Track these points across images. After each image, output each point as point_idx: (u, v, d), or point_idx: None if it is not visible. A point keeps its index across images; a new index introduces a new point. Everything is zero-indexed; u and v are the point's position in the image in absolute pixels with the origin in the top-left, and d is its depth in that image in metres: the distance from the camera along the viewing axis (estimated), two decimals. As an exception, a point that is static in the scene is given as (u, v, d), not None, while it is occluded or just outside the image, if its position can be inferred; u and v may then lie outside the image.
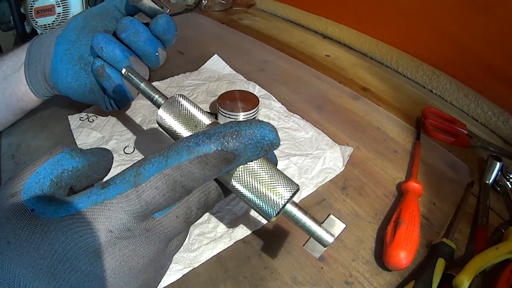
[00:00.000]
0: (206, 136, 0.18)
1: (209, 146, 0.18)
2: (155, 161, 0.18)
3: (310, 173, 0.43)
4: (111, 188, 0.18)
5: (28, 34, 0.60)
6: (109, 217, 0.18)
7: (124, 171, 0.19)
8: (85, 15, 0.40)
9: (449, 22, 0.57)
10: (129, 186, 0.18)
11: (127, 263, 0.19)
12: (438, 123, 0.54)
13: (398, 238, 0.34)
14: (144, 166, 0.18)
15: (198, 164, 0.18)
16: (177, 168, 0.18)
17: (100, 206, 0.18)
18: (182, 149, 0.18)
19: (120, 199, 0.18)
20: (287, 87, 0.60)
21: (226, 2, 0.92)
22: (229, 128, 0.18)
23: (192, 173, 0.18)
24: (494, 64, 0.53)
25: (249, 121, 0.19)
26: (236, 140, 0.18)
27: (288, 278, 0.33)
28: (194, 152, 0.18)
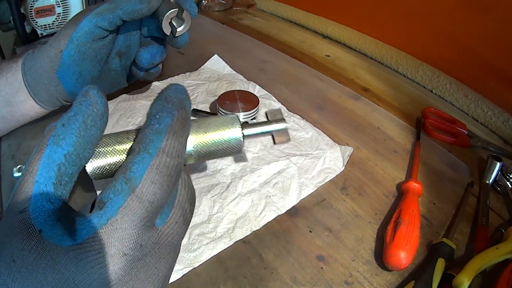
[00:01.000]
0: (157, 114, 0.19)
1: (167, 118, 0.19)
2: (138, 159, 0.18)
3: (310, 173, 0.43)
4: (109, 205, 0.17)
5: (28, 34, 0.60)
6: (119, 237, 0.17)
7: (111, 184, 0.18)
8: (76, 47, 0.38)
9: (449, 22, 0.57)
10: (126, 194, 0.17)
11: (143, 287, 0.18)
12: (438, 123, 0.54)
13: (398, 238, 0.34)
14: (130, 169, 0.18)
15: (172, 137, 0.19)
16: (161, 153, 0.18)
17: (106, 228, 0.17)
18: (152, 134, 0.19)
19: (123, 212, 0.17)
20: (287, 87, 0.60)
21: (226, 2, 0.92)
22: (159, 101, 0.20)
23: (173, 147, 0.19)
24: (494, 64, 0.53)
25: (161, 92, 0.21)
26: (173, 101, 0.20)
27: (288, 278, 0.33)
28: (163, 130, 0.19)
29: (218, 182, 0.42)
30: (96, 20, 0.37)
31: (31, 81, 0.40)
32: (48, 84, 0.40)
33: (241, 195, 0.40)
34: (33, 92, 0.40)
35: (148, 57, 0.43)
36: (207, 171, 0.43)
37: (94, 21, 0.37)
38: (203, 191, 0.40)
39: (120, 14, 0.37)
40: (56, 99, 0.41)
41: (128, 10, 0.37)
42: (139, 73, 0.46)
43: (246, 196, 0.40)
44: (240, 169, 0.43)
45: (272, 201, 0.40)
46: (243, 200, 0.40)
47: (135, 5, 0.37)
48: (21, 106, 0.41)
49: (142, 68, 0.45)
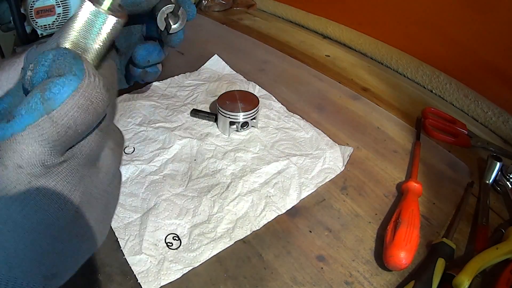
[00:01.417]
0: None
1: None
2: (63, 81, 0.16)
3: (310, 173, 0.43)
4: (18, 120, 0.16)
5: (28, 34, 0.60)
6: (18, 150, 0.16)
7: (26, 99, 0.16)
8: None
9: (449, 22, 0.57)
10: (39, 114, 0.16)
11: (46, 208, 0.17)
12: (438, 123, 0.54)
13: (398, 238, 0.34)
14: (51, 89, 0.16)
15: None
16: (88, 76, 0.17)
17: (8, 141, 0.16)
18: (75, 59, 0.17)
19: (30, 130, 0.16)
20: (287, 87, 0.60)
21: (226, 2, 0.92)
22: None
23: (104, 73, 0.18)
24: (494, 64, 0.53)
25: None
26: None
27: (288, 278, 0.33)
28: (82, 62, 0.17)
29: (218, 182, 0.42)
30: None
31: None
32: None
33: (241, 195, 0.40)
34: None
35: (144, 53, 0.43)
36: (207, 171, 0.43)
37: None
38: (203, 191, 0.40)
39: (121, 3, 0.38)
40: None
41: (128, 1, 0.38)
42: (136, 71, 0.46)
43: (246, 196, 0.40)
44: (240, 169, 0.43)
45: (272, 201, 0.40)
46: (243, 200, 0.40)
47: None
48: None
49: (139, 65, 0.45)
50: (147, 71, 0.46)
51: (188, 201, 0.39)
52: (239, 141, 0.48)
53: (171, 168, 0.43)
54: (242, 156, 0.45)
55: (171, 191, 0.40)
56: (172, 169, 0.43)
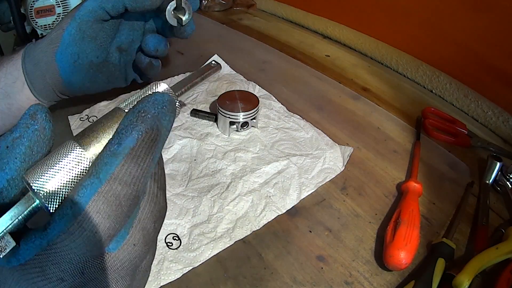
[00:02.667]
0: (121, 132, 0.17)
1: (129, 139, 0.17)
2: (87, 184, 0.16)
3: (310, 173, 0.43)
4: (52, 227, 0.16)
5: (28, 34, 0.60)
6: (57, 262, 0.16)
7: (61, 203, 0.17)
8: (78, 25, 0.38)
9: (449, 22, 0.57)
10: (69, 219, 0.16)
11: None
12: (438, 123, 0.54)
13: (398, 238, 0.34)
14: (78, 193, 0.16)
15: (131, 162, 0.17)
16: (113, 180, 0.16)
17: (45, 252, 0.16)
18: (107, 157, 0.17)
19: (63, 237, 0.16)
20: (287, 87, 0.60)
21: (226, 2, 0.92)
22: (132, 114, 0.18)
23: (129, 174, 0.17)
24: (494, 64, 0.53)
25: (142, 99, 0.19)
26: (145, 117, 0.17)
27: (288, 278, 0.33)
28: (121, 153, 0.17)
29: (218, 182, 0.42)
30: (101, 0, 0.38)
31: (29, 68, 0.40)
32: (45, 70, 0.40)
33: (241, 195, 0.40)
34: (29, 80, 0.40)
35: (155, 40, 0.44)
36: (207, 171, 0.43)
37: (99, 1, 0.38)
38: (203, 191, 0.40)
39: (124, 1, 0.38)
40: (51, 89, 0.41)
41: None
42: (143, 60, 0.46)
43: (246, 196, 0.40)
44: (240, 169, 0.43)
45: (272, 201, 0.40)
46: (243, 200, 0.40)
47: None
48: (18, 97, 0.41)
49: (148, 53, 0.45)
50: (152, 63, 0.46)
51: (188, 201, 0.39)
52: (239, 141, 0.48)
53: (171, 168, 0.43)
54: (242, 156, 0.45)
55: (171, 191, 0.40)
56: (172, 169, 0.43)
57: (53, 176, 0.17)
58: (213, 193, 0.40)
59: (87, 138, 0.18)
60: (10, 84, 0.40)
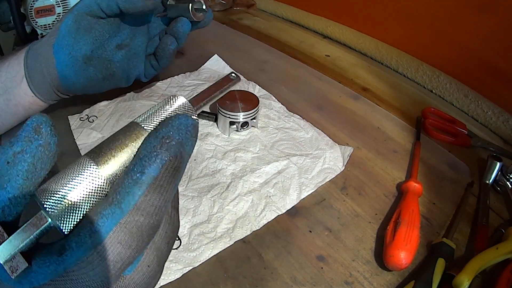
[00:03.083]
0: (144, 159, 0.16)
1: (153, 167, 0.16)
2: (108, 213, 0.16)
3: (310, 173, 0.43)
4: (69, 254, 0.15)
5: (28, 34, 0.60)
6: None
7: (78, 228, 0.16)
8: (74, 17, 0.39)
9: (449, 22, 0.57)
10: (87, 248, 0.16)
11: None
12: (438, 123, 0.54)
13: (398, 238, 0.34)
14: (98, 222, 0.16)
15: (154, 192, 0.16)
16: (135, 210, 0.16)
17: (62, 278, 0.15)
18: (129, 186, 0.16)
19: (81, 266, 0.15)
20: (287, 87, 0.60)
21: (226, 2, 0.92)
22: (155, 139, 0.17)
23: (151, 205, 0.16)
24: (494, 64, 0.53)
25: (165, 121, 0.18)
26: (169, 144, 0.17)
27: (288, 278, 0.33)
28: (144, 182, 0.16)
29: (218, 182, 0.42)
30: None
31: (30, 62, 0.40)
32: (43, 64, 0.40)
33: (241, 195, 0.40)
34: (28, 74, 0.40)
35: (189, 24, 0.45)
36: (207, 171, 0.43)
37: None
38: (203, 191, 0.40)
39: (118, 1, 0.38)
40: (49, 86, 0.41)
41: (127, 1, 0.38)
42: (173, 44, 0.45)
43: (246, 196, 0.40)
44: (240, 169, 0.43)
45: (272, 201, 0.40)
46: (243, 200, 0.40)
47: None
48: (16, 91, 0.41)
49: (183, 35, 0.45)
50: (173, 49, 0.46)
51: (188, 201, 0.39)
52: (239, 141, 0.48)
53: (171, 168, 0.43)
54: (242, 156, 0.45)
55: (171, 191, 0.40)
56: (172, 169, 0.43)
57: (66, 195, 0.16)
58: (213, 193, 0.40)
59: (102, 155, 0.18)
60: (10, 78, 0.40)
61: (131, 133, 0.19)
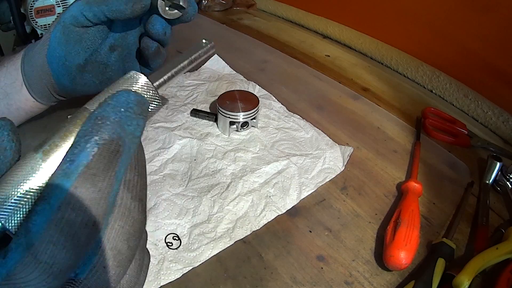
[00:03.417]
0: (74, 146, 0.15)
1: (83, 154, 0.14)
2: (39, 209, 0.14)
3: (310, 173, 0.43)
4: (10, 256, 0.14)
5: (28, 34, 0.60)
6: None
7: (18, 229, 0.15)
8: (62, 28, 0.38)
9: (449, 22, 0.57)
10: (23, 249, 0.14)
11: None
12: (438, 123, 0.54)
13: (398, 238, 0.34)
14: (31, 219, 0.14)
15: (86, 183, 0.14)
16: (65, 205, 0.14)
17: (7, 282, 0.14)
18: (58, 177, 0.14)
19: (20, 269, 0.14)
20: (287, 87, 0.60)
21: (226, 2, 0.92)
22: (89, 121, 0.15)
23: (84, 198, 0.14)
24: (494, 64, 0.53)
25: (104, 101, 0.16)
26: (102, 125, 0.15)
27: (288, 278, 0.33)
28: (73, 172, 0.14)
29: (218, 182, 0.42)
30: (83, 7, 0.37)
31: (27, 69, 0.40)
32: (40, 70, 0.40)
33: (241, 195, 0.40)
34: (27, 81, 0.40)
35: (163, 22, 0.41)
36: (207, 171, 0.43)
37: (82, 8, 0.37)
38: (203, 191, 0.40)
39: (104, 10, 0.37)
40: (47, 90, 0.41)
41: (112, 8, 0.37)
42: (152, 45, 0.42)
43: (246, 196, 0.40)
44: (240, 169, 0.43)
45: (272, 201, 0.40)
46: (243, 200, 0.40)
47: (120, 5, 0.36)
48: (16, 97, 0.41)
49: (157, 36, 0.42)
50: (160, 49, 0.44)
51: (188, 201, 0.39)
52: (239, 141, 0.48)
53: (171, 168, 0.43)
54: (242, 156, 0.45)
55: (171, 191, 0.40)
56: (172, 169, 0.43)
57: (10, 193, 0.15)
58: (213, 193, 0.40)
59: (46, 146, 0.16)
60: (9, 84, 0.40)
61: (76, 118, 0.17)
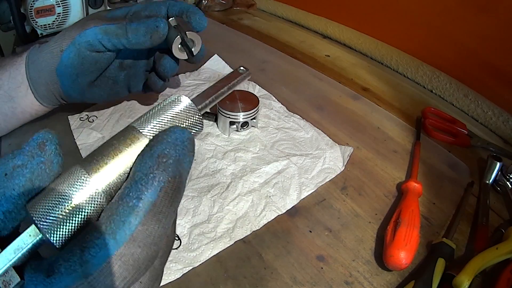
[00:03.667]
0: (139, 182, 0.15)
1: (150, 192, 0.15)
2: (101, 243, 0.14)
3: (310, 173, 0.43)
4: (58, 279, 0.14)
5: (28, 34, 0.60)
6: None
7: (67, 253, 0.15)
8: (77, 51, 0.38)
9: (449, 22, 0.57)
10: (77, 277, 0.14)
11: None
12: (438, 123, 0.54)
13: (398, 238, 0.34)
14: (89, 251, 0.14)
15: (152, 220, 0.15)
16: (131, 242, 0.14)
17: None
18: (124, 214, 0.15)
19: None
20: (287, 87, 0.60)
21: (226, 2, 0.92)
22: (150, 158, 0.15)
23: (149, 234, 0.15)
24: (494, 64, 0.53)
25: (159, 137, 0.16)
26: (166, 164, 0.15)
27: (288, 278, 0.33)
28: (141, 210, 0.15)
29: (218, 182, 0.42)
30: (101, 36, 0.37)
31: (33, 75, 0.40)
32: (48, 79, 0.40)
33: (241, 195, 0.40)
34: (33, 86, 0.40)
35: (172, 65, 0.43)
36: (207, 171, 0.43)
37: (100, 37, 0.37)
38: (203, 191, 0.40)
39: (124, 43, 0.38)
40: (54, 96, 0.41)
41: (132, 41, 0.37)
42: (158, 84, 0.46)
43: (246, 196, 0.40)
44: (240, 169, 0.43)
45: (272, 201, 0.40)
46: (243, 200, 0.40)
47: (139, 38, 0.37)
48: (21, 101, 0.41)
49: (164, 77, 0.45)
50: (165, 86, 0.46)
51: (188, 201, 0.39)
52: (239, 141, 0.48)
53: (171, 168, 0.43)
54: (242, 156, 0.45)
55: (171, 191, 0.40)
56: (172, 169, 0.43)
57: (55, 207, 0.15)
58: (213, 193, 0.40)
59: (95, 163, 0.16)
60: (14, 89, 0.40)
61: (126, 137, 0.17)
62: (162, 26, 0.37)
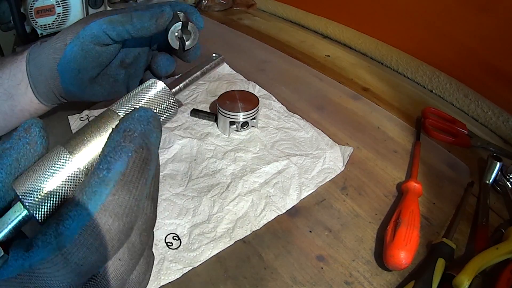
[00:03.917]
0: (109, 155, 0.16)
1: (119, 162, 0.15)
2: (73, 215, 0.15)
3: (310, 173, 0.43)
4: (35, 252, 0.15)
5: (28, 34, 0.60)
6: (39, 286, 0.15)
7: (45, 227, 0.15)
8: (81, 45, 0.38)
9: (449, 22, 0.57)
10: (52, 249, 0.15)
11: None
12: (438, 123, 0.54)
13: (398, 238, 0.34)
14: (63, 223, 0.15)
15: (123, 190, 0.15)
16: (103, 212, 0.15)
17: (27, 274, 0.15)
18: (95, 185, 0.15)
19: (45, 265, 0.15)
20: (287, 87, 0.60)
21: (226, 2, 0.92)
22: (117, 133, 0.16)
23: (120, 204, 0.15)
24: (494, 64, 0.53)
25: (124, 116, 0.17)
26: (132, 136, 0.16)
27: (288, 278, 0.33)
28: (111, 180, 0.15)
29: (218, 182, 0.42)
30: (106, 26, 0.37)
31: (33, 71, 0.40)
32: (48, 76, 0.40)
33: (241, 195, 0.40)
34: (33, 84, 0.40)
35: (167, 63, 0.44)
36: (207, 171, 0.43)
37: (104, 27, 0.37)
38: (203, 191, 0.40)
39: (129, 29, 0.38)
40: (53, 94, 0.41)
41: (137, 26, 0.37)
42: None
43: (246, 196, 0.40)
44: (240, 169, 0.43)
45: (272, 201, 0.40)
46: (243, 200, 0.40)
47: (145, 22, 0.37)
48: (21, 99, 0.41)
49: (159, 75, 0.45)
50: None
51: (188, 201, 0.39)
52: (239, 141, 0.48)
53: (171, 168, 0.43)
54: (242, 156, 0.45)
55: (171, 191, 0.40)
56: (172, 169, 0.43)
57: (40, 184, 0.16)
58: (213, 193, 0.40)
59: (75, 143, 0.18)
60: (14, 86, 0.40)
61: (104, 119, 0.19)
62: (167, 10, 0.38)
